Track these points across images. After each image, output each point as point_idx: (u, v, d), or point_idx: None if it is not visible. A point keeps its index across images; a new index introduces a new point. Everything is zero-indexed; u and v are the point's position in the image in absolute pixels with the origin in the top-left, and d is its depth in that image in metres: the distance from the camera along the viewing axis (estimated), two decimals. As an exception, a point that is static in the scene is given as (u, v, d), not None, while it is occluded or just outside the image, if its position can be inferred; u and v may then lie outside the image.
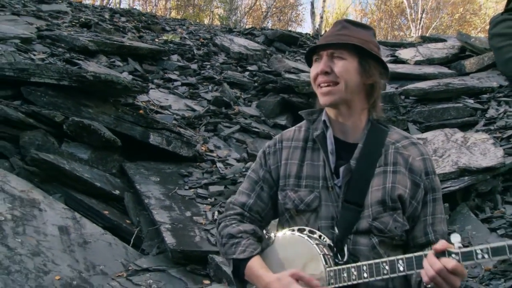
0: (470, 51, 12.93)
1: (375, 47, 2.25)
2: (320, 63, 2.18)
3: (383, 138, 2.23)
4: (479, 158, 7.61)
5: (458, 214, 7.16)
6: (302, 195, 2.20)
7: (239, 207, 2.32)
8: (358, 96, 2.21)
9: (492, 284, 5.78)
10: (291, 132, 2.37)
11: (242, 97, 10.23)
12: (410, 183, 2.15)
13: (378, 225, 2.10)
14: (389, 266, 1.92)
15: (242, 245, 2.19)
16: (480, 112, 9.99)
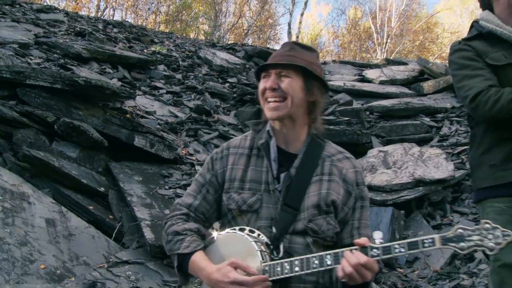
0: (428, 74, 13.13)
1: (318, 68, 2.33)
2: (269, 80, 2.26)
3: (320, 151, 2.32)
4: (432, 170, 7.67)
5: (412, 221, 7.22)
6: (245, 197, 2.26)
7: (185, 208, 2.37)
8: (301, 111, 2.29)
9: (438, 284, 5.88)
10: (238, 141, 2.43)
11: (221, 106, 10.20)
12: (343, 191, 2.25)
13: (313, 227, 2.19)
14: (318, 260, 2.00)
15: (186, 241, 2.24)
16: (435, 130, 10.11)
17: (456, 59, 3.10)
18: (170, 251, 2.29)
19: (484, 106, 2.82)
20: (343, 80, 12.83)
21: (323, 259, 2.00)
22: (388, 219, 6.73)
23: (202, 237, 2.28)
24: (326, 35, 37.81)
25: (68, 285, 4.44)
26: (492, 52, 2.99)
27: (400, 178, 7.51)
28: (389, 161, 8.11)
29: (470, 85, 2.92)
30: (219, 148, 2.45)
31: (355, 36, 35.72)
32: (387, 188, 7.37)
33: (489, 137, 3.01)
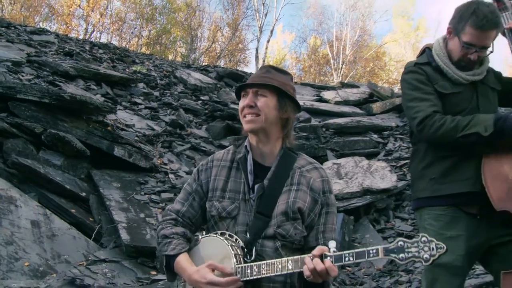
0: (376, 96, 13.26)
1: (292, 89, 2.36)
2: (247, 98, 2.29)
3: (292, 163, 2.33)
4: (378, 181, 7.72)
5: (360, 225, 7.25)
6: (225, 205, 2.29)
7: (174, 213, 2.39)
8: (275, 127, 2.32)
9: (380, 280, 5.94)
10: (221, 154, 2.46)
11: (194, 121, 10.15)
12: (309, 199, 2.26)
13: (281, 232, 2.20)
14: (281, 265, 2.04)
15: (173, 244, 2.25)
16: (382, 145, 10.21)
17: (409, 79, 3.10)
18: (159, 252, 2.31)
19: (429, 129, 2.86)
20: (303, 99, 12.85)
21: (285, 264, 2.04)
22: (339, 223, 6.75)
23: (188, 240, 2.31)
24: (289, 59, 38.02)
25: (49, 281, 4.35)
26: (440, 80, 3.02)
27: (351, 188, 7.54)
28: (341, 172, 8.13)
29: (419, 108, 2.94)
30: (205, 161, 2.46)
31: (314, 61, 35.98)
32: (339, 196, 7.39)
33: (431, 154, 3.04)
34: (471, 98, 3.02)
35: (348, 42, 33.40)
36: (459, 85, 3.02)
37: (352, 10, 34.49)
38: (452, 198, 2.93)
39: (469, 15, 2.88)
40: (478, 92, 3.04)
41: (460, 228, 2.89)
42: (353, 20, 34.50)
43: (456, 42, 2.98)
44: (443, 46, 3.09)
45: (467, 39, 2.90)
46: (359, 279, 6.07)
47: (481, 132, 2.72)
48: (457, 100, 3.00)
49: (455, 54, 3.00)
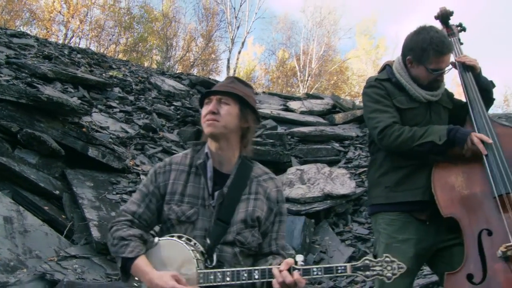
0: (339, 108, 13.37)
1: (253, 101, 2.35)
2: (210, 105, 2.26)
3: (249, 172, 2.33)
4: (339, 187, 7.75)
5: (320, 228, 7.28)
6: (184, 209, 2.24)
7: (130, 215, 2.30)
8: (235, 135, 2.31)
9: (337, 280, 6.00)
10: (179, 158, 2.39)
11: (166, 126, 10.07)
12: (266, 208, 2.28)
13: (240, 239, 2.20)
14: (247, 274, 2.03)
15: (131, 247, 2.18)
16: (342, 154, 10.26)
17: (370, 93, 3.17)
18: (115, 253, 2.23)
19: (389, 138, 2.93)
20: (270, 108, 12.88)
21: (251, 273, 2.03)
22: (301, 226, 6.78)
23: (145, 242, 2.25)
24: (259, 70, 38.07)
25: (20, 275, 4.25)
26: (398, 95, 3.11)
27: (313, 193, 7.56)
28: (304, 178, 8.16)
29: (379, 119, 3.01)
30: (162, 163, 2.40)
31: (282, 73, 36.12)
32: (302, 201, 7.41)
33: (387, 163, 3.11)
34: (425, 115, 3.12)
35: (314, 56, 33.65)
36: (415, 102, 3.11)
37: (319, 27, 34.82)
38: (404, 205, 3.01)
39: (428, 46, 2.99)
40: (432, 110, 3.16)
41: (411, 232, 2.97)
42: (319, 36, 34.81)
43: (422, 70, 3.08)
44: (403, 65, 3.17)
45: (434, 66, 3.02)
46: (317, 279, 6.10)
47: (436, 140, 2.81)
48: (413, 115, 3.09)
49: (423, 80, 3.10)
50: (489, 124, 3.00)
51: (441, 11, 3.54)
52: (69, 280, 4.10)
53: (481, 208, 2.75)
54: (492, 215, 2.69)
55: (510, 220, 2.61)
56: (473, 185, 2.82)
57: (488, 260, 2.59)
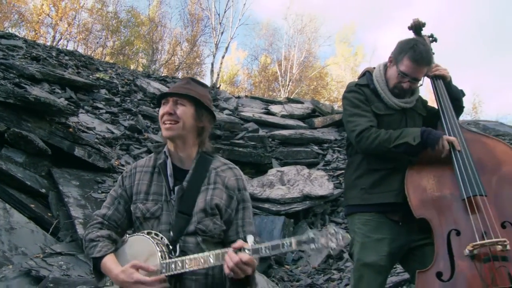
0: (318, 112, 13.44)
1: (208, 100, 2.40)
2: (167, 106, 2.31)
3: (208, 165, 2.37)
4: (317, 188, 7.80)
5: (299, 228, 7.32)
6: (148, 206, 2.29)
7: (100, 218, 2.38)
8: (191, 134, 2.35)
9: (315, 278, 6.04)
10: (143, 161, 2.46)
11: (151, 127, 10.03)
12: (225, 196, 2.31)
13: (202, 227, 2.23)
14: (203, 259, 2.06)
15: (99, 247, 2.23)
16: (321, 156, 10.33)
17: (350, 97, 3.23)
18: (86, 256, 2.31)
19: (366, 140, 2.99)
20: (252, 112, 12.91)
21: (207, 258, 2.05)
22: (281, 225, 6.82)
23: (114, 241, 2.32)
24: (241, 75, 38.06)
25: (5, 272, 4.20)
26: (376, 102, 3.18)
27: (292, 193, 7.60)
28: (284, 179, 8.19)
29: (357, 122, 3.07)
30: (128, 168, 2.48)
31: (264, 77, 36.15)
32: (282, 201, 7.44)
33: (363, 166, 3.17)
34: (400, 121, 3.19)
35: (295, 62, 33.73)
36: (391, 109, 3.17)
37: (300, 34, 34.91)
38: (379, 207, 3.06)
39: (408, 49, 3.07)
40: (407, 117, 3.24)
41: (385, 232, 3.02)
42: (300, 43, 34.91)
43: (394, 71, 3.14)
44: (383, 73, 3.23)
45: (403, 69, 3.08)
46: (296, 276, 6.13)
47: (410, 142, 2.88)
48: (389, 121, 3.15)
49: (391, 81, 3.17)
50: (459, 130, 3.07)
51: (414, 22, 3.61)
52: (55, 276, 4.06)
53: (451, 209, 2.81)
54: (461, 216, 2.76)
55: (477, 221, 2.67)
56: (444, 188, 2.89)
57: (456, 259, 2.64)
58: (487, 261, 2.54)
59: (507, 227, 2.65)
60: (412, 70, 3.06)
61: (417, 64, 3.04)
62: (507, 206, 2.75)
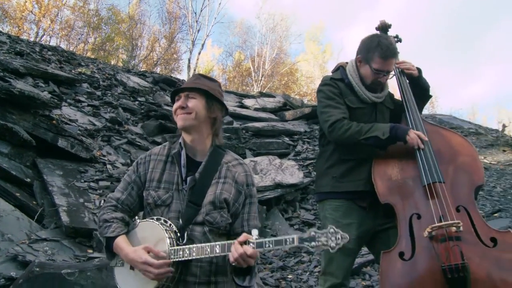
0: (289, 106, 13.46)
1: (219, 93, 2.42)
2: (179, 101, 2.33)
3: (220, 159, 2.37)
4: (288, 177, 7.84)
5: (271, 214, 7.35)
6: (160, 194, 2.29)
7: (114, 201, 2.37)
8: (204, 125, 2.35)
9: (286, 260, 6.07)
10: (158, 149, 2.44)
11: (131, 119, 9.92)
12: (234, 191, 2.31)
13: (209, 219, 2.23)
14: (210, 249, 2.08)
15: (113, 227, 2.25)
16: (292, 147, 10.36)
17: (325, 90, 3.26)
18: (100, 235, 2.29)
19: (338, 131, 3.03)
20: (227, 105, 12.66)
21: (213, 248, 2.07)
22: (254, 212, 6.84)
23: (126, 224, 2.32)
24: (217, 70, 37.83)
25: (-8, 257, 4.14)
26: (349, 95, 3.22)
27: (265, 182, 7.63)
28: (257, 168, 8.22)
29: (331, 113, 3.11)
30: (143, 155, 2.45)
31: (238, 73, 36.08)
32: (255, 189, 7.47)
33: (335, 156, 3.22)
34: (371, 114, 3.25)
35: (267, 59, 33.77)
36: (363, 102, 3.22)
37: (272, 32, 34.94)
38: (348, 194, 3.12)
39: (375, 47, 3.13)
40: (377, 110, 3.30)
41: (353, 217, 3.09)
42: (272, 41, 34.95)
43: (367, 69, 3.19)
44: (356, 68, 3.26)
45: (376, 66, 3.13)
46: (269, 259, 6.18)
47: (380, 136, 2.94)
48: (360, 114, 3.20)
49: (367, 79, 3.21)
50: (421, 122, 3.15)
51: (381, 23, 3.66)
52: (40, 261, 4.00)
53: (413, 195, 2.89)
54: (421, 201, 2.84)
55: (435, 206, 2.76)
56: (406, 175, 2.97)
57: (417, 240, 2.73)
58: (443, 241, 2.64)
59: (461, 210, 2.76)
60: (384, 65, 3.12)
61: (386, 59, 3.11)
62: (461, 192, 2.85)
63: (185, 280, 2.19)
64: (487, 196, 7.03)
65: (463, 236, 2.64)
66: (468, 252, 2.57)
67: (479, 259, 2.57)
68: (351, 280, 5.19)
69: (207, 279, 2.23)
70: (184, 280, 2.19)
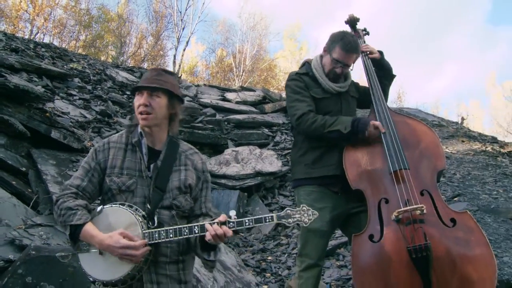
0: (268, 99, 13.42)
1: (178, 88, 2.39)
2: (142, 98, 2.27)
3: (177, 148, 2.38)
4: (268, 166, 7.86)
5: (252, 201, 7.37)
6: (123, 180, 2.24)
7: (74, 188, 2.25)
8: (164, 120, 2.35)
9: (266, 243, 6.06)
10: (116, 137, 2.38)
11: (120, 112, 9.82)
12: (195, 177, 2.35)
13: (176, 203, 2.25)
14: (188, 229, 2.10)
15: (78, 215, 2.12)
16: (271, 138, 10.37)
17: (292, 85, 3.27)
18: (63, 223, 2.15)
19: (304, 124, 3.05)
20: (210, 98, 12.80)
21: (192, 229, 2.09)
22: (236, 198, 6.86)
23: (89, 211, 2.19)
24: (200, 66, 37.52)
25: (-9, 241, 4.08)
26: (314, 87, 3.22)
27: (246, 170, 7.65)
28: (238, 158, 8.23)
29: (298, 107, 3.12)
30: (101, 143, 2.38)
31: (220, 68, 35.84)
32: (236, 177, 7.48)
33: (305, 145, 3.23)
34: (336, 103, 3.26)
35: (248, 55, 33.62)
36: (328, 93, 3.23)
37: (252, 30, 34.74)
38: (320, 179, 3.14)
39: (339, 40, 3.16)
40: (342, 99, 3.30)
41: (326, 201, 3.11)
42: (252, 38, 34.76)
43: (328, 58, 3.21)
44: (319, 62, 3.28)
45: (335, 56, 3.16)
46: (249, 242, 6.20)
47: (342, 130, 2.96)
48: (326, 104, 3.21)
49: (326, 67, 3.22)
50: (386, 111, 3.17)
51: (350, 17, 3.68)
52: (36, 245, 3.97)
53: (381, 181, 2.92)
54: (389, 187, 2.88)
55: (401, 191, 2.80)
56: (375, 162, 3.00)
57: (385, 223, 2.77)
58: (408, 224, 2.69)
59: (425, 194, 2.82)
60: (343, 57, 3.14)
61: (347, 52, 3.13)
62: (424, 176, 2.90)
63: (157, 261, 2.18)
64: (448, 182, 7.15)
65: (426, 218, 2.70)
66: (431, 233, 2.64)
67: (440, 239, 2.64)
68: (326, 261, 5.25)
69: (176, 259, 2.24)
70: (156, 261, 2.18)
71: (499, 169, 8.06)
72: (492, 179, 7.27)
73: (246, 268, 5.24)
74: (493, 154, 9.52)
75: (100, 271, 2.12)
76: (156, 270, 2.18)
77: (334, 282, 4.79)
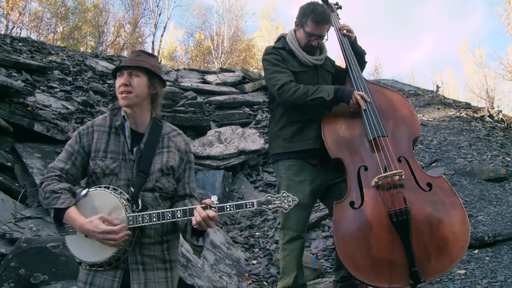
0: (248, 79, 13.35)
1: (158, 69, 2.34)
2: (123, 78, 2.24)
3: (160, 130, 2.33)
4: (251, 144, 7.85)
5: (237, 179, 7.38)
6: (107, 163, 2.20)
7: (58, 171, 2.20)
8: (146, 101, 2.30)
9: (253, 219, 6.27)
10: (100, 120, 2.32)
11: (102, 101, 9.66)
12: (178, 158, 2.32)
13: (159, 185, 2.22)
14: (171, 214, 2.08)
15: (62, 198, 2.09)
16: (253, 116, 10.34)
17: (269, 58, 3.23)
18: (47, 205, 2.12)
19: (287, 93, 3.02)
20: (191, 82, 12.66)
21: (175, 213, 2.08)
22: (221, 178, 6.85)
23: (73, 194, 2.15)
24: (179, 50, 37.08)
25: (-19, 236, 4.02)
26: (291, 61, 3.20)
27: (229, 150, 7.63)
28: (221, 138, 8.19)
29: (278, 77, 3.08)
30: (85, 126, 2.31)
31: (200, 51, 35.48)
32: (220, 157, 7.46)
33: (284, 119, 3.21)
34: (313, 77, 3.23)
35: (226, 37, 33.31)
36: (305, 66, 3.20)
37: (228, 12, 34.36)
38: (299, 153, 3.13)
39: (309, 13, 3.13)
40: (318, 73, 3.28)
41: (306, 174, 3.11)
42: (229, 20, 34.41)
43: (301, 32, 3.18)
44: (294, 36, 3.25)
45: (309, 30, 3.13)
46: (237, 220, 6.22)
47: (325, 97, 2.94)
48: (303, 77, 3.18)
49: (301, 41, 3.19)
50: (364, 82, 3.16)
51: None
52: (27, 237, 3.92)
53: (360, 149, 2.93)
54: (368, 155, 2.89)
55: (381, 158, 2.81)
56: (354, 131, 3.00)
57: (365, 190, 2.78)
58: (388, 189, 2.70)
59: (402, 161, 2.83)
60: (316, 29, 3.12)
61: (318, 24, 3.10)
62: (401, 143, 2.93)
63: (141, 242, 2.16)
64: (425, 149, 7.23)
65: (405, 183, 2.72)
66: (410, 197, 2.67)
67: (418, 202, 2.68)
68: (312, 232, 5.29)
69: (160, 239, 2.22)
70: (140, 243, 2.16)
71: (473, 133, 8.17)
72: (467, 143, 7.36)
73: (235, 245, 5.26)
74: (467, 119, 9.64)
75: (86, 253, 2.11)
76: (141, 251, 2.17)
77: (320, 252, 4.83)
